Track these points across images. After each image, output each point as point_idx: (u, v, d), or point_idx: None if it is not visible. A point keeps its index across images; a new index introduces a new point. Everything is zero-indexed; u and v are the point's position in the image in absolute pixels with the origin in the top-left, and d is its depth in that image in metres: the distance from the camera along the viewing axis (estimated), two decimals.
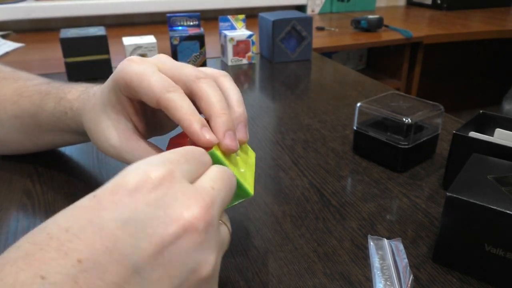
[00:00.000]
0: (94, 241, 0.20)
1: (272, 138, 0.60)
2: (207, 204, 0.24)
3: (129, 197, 0.22)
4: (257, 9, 1.78)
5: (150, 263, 0.21)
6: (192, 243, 0.22)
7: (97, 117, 0.36)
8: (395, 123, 0.49)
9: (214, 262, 0.23)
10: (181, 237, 0.22)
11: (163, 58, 0.34)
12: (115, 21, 1.64)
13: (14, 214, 0.43)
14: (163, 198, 0.23)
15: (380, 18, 1.51)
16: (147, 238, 0.21)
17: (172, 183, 0.23)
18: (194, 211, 0.23)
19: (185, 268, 0.22)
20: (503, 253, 0.33)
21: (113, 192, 0.22)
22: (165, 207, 0.22)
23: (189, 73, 0.32)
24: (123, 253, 0.21)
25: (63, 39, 0.83)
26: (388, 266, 0.36)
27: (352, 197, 0.46)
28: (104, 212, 0.21)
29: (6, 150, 0.52)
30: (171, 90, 0.31)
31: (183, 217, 0.22)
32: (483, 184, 0.35)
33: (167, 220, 0.22)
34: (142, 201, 0.22)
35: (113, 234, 0.21)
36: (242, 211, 0.44)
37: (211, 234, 0.23)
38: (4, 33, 1.43)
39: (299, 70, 0.94)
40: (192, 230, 0.22)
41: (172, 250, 0.22)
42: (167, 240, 0.21)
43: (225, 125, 0.31)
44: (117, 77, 0.33)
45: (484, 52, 2.19)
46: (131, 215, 0.21)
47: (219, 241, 0.25)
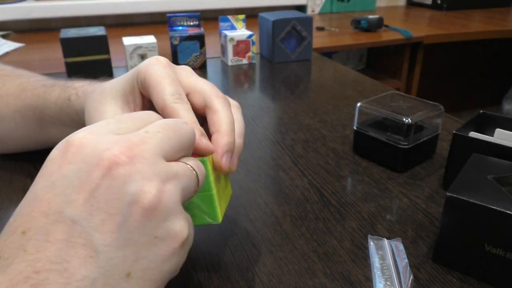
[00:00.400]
0: (31, 211, 0.22)
1: (272, 138, 0.60)
2: (132, 142, 0.24)
3: (53, 164, 0.23)
4: (257, 9, 1.78)
5: (85, 210, 0.22)
6: (119, 177, 0.22)
7: (103, 99, 0.36)
8: (395, 123, 0.49)
9: (154, 191, 0.23)
10: (106, 175, 0.22)
11: (189, 71, 0.35)
12: (115, 21, 1.64)
13: None
14: (83, 150, 0.23)
15: (380, 18, 1.51)
16: (75, 190, 0.22)
17: (92, 137, 0.24)
18: (113, 149, 0.23)
19: (122, 203, 0.22)
20: (503, 253, 0.33)
21: (43, 167, 0.24)
22: (87, 157, 0.23)
23: (212, 90, 0.33)
24: (58, 211, 0.22)
25: (63, 39, 0.83)
26: (388, 266, 0.36)
27: (352, 197, 0.46)
28: (36, 185, 0.23)
29: (6, 148, 0.52)
30: (179, 102, 0.31)
31: (102, 157, 0.22)
32: (483, 184, 0.35)
33: (89, 167, 0.22)
34: (64, 162, 0.23)
35: (45, 198, 0.22)
36: (242, 211, 0.44)
37: (142, 166, 0.23)
38: (4, 33, 1.43)
39: (299, 70, 0.94)
40: (114, 166, 0.22)
41: (102, 190, 0.22)
42: (94, 183, 0.22)
43: (227, 146, 0.31)
44: (140, 70, 0.34)
45: (484, 52, 2.19)
46: (57, 177, 0.23)
47: (162, 172, 0.24)
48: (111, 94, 0.36)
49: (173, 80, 0.33)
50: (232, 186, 0.38)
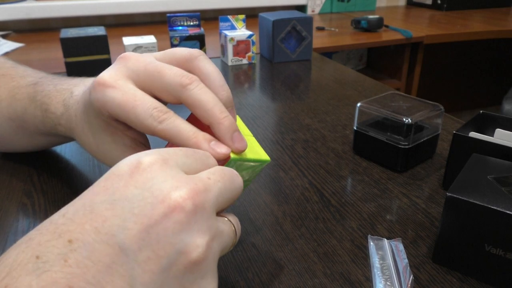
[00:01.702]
0: (84, 223, 0.21)
1: (272, 138, 0.60)
2: (198, 188, 0.23)
3: (119, 181, 0.23)
4: (257, 9, 1.78)
5: (136, 242, 0.21)
6: (179, 223, 0.22)
7: (91, 141, 0.35)
8: (395, 123, 0.49)
9: (204, 246, 0.23)
10: (167, 216, 0.22)
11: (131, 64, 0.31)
12: (115, 21, 1.64)
13: (14, 214, 0.43)
14: (152, 179, 0.23)
15: (380, 18, 1.51)
16: (133, 218, 0.22)
17: (163, 168, 0.23)
18: (182, 191, 0.23)
19: (173, 249, 0.22)
20: (503, 253, 0.33)
21: (106, 178, 0.23)
22: (153, 188, 0.22)
23: (172, 81, 0.30)
24: (110, 232, 0.21)
25: (63, 39, 0.83)
26: (388, 266, 0.36)
27: (352, 197, 0.46)
28: (96, 196, 0.23)
29: (6, 148, 0.52)
30: (162, 119, 0.29)
31: (169, 197, 0.22)
32: (483, 184, 0.35)
33: (154, 200, 0.22)
34: (131, 183, 0.23)
35: (102, 215, 0.22)
36: (242, 211, 0.44)
37: (201, 217, 0.23)
38: (4, 33, 1.43)
39: (299, 70, 0.94)
40: (178, 210, 0.22)
41: (159, 230, 0.22)
42: (153, 219, 0.22)
43: (229, 130, 0.30)
44: (98, 108, 0.31)
45: (484, 52, 2.19)
46: (119, 197, 0.22)
47: (213, 227, 0.24)
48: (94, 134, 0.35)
49: (137, 97, 0.30)
50: None
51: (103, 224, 0.21)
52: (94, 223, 0.21)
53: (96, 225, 0.21)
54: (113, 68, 0.32)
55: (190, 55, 0.33)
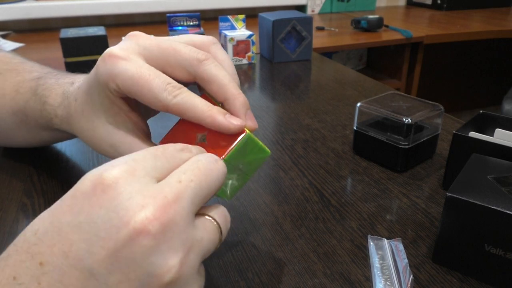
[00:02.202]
0: (53, 245, 0.21)
1: (272, 138, 0.60)
2: (167, 201, 0.22)
3: (83, 200, 0.22)
4: (257, 9, 1.78)
5: (105, 267, 0.21)
6: (146, 246, 0.21)
7: (92, 124, 0.34)
8: (395, 123, 0.49)
9: (177, 265, 0.22)
10: (134, 240, 0.21)
11: (143, 41, 0.31)
12: (115, 21, 1.64)
13: (14, 214, 0.43)
14: (117, 198, 0.22)
15: (380, 18, 1.51)
16: (100, 242, 0.21)
17: (129, 181, 0.22)
18: (147, 211, 0.21)
19: (144, 272, 0.21)
20: (503, 253, 0.33)
21: (72, 195, 0.22)
22: (119, 207, 0.21)
23: (188, 56, 0.30)
24: (77, 257, 0.21)
25: (63, 39, 0.83)
26: (388, 266, 0.36)
27: (352, 197, 0.46)
28: (62, 216, 0.22)
29: (11, 143, 0.52)
30: (177, 93, 0.29)
31: (135, 219, 0.21)
32: (483, 184, 0.35)
33: (119, 222, 0.21)
34: (96, 203, 0.22)
35: (69, 238, 0.21)
36: (242, 211, 0.44)
37: (171, 235, 0.22)
38: (4, 33, 1.43)
39: (299, 70, 0.94)
40: (144, 233, 0.21)
41: (126, 253, 0.21)
42: (119, 243, 0.21)
43: (244, 107, 0.30)
44: (105, 80, 0.30)
45: (484, 52, 2.19)
46: (85, 219, 0.21)
47: (188, 240, 0.23)
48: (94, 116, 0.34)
49: (150, 71, 0.29)
50: None
51: (71, 248, 0.21)
52: (62, 246, 0.21)
53: (64, 249, 0.21)
54: (123, 43, 0.31)
55: (206, 40, 0.33)
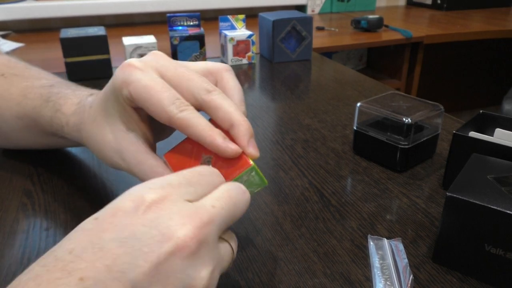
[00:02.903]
0: (95, 260, 0.22)
1: (272, 138, 0.60)
2: (202, 222, 0.24)
3: (125, 218, 0.23)
4: (257, 9, 1.78)
5: (147, 279, 0.22)
6: (186, 260, 0.23)
7: (102, 130, 0.35)
8: (395, 123, 0.49)
9: (208, 277, 0.24)
10: (175, 254, 0.23)
11: (162, 61, 0.33)
12: (115, 21, 1.64)
13: (14, 214, 0.43)
14: (158, 217, 0.24)
15: (380, 18, 1.51)
16: (143, 256, 0.22)
17: (167, 205, 0.24)
18: (187, 229, 0.24)
19: (180, 283, 0.23)
20: (503, 253, 0.33)
21: (112, 214, 0.24)
22: (160, 226, 0.23)
23: (199, 86, 0.32)
24: (121, 270, 0.22)
25: (63, 39, 0.83)
26: (388, 266, 0.36)
27: (352, 197, 0.46)
28: (104, 234, 0.23)
29: (12, 145, 0.52)
30: (184, 109, 0.30)
31: (176, 236, 0.23)
32: (483, 184, 0.35)
33: (161, 238, 0.23)
34: (138, 222, 0.23)
35: (112, 253, 0.22)
36: None
37: (204, 252, 0.24)
38: (4, 33, 1.43)
39: (299, 70, 0.94)
40: (185, 249, 0.23)
41: (167, 267, 0.23)
42: (162, 257, 0.22)
43: (247, 134, 0.31)
44: (119, 86, 0.32)
45: (484, 52, 2.19)
46: (128, 235, 0.23)
47: (215, 257, 0.25)
48: (105, 122, 0.35)
49: (163, 85, 0.31)
50: None
51: (114, 261, 0.22)
52: (105, 261, 0.22)
53: (107, 263, 0.22)
54: (144, 57, 0.33)
55: (220, 67, 0.35)
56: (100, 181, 0.49)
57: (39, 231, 0.41)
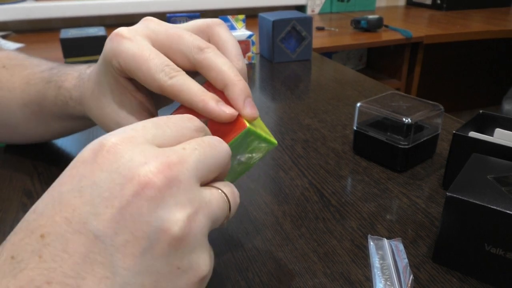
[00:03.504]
0: (54, 214, 0.21)
1: None
2: (170, 160, 0.22)
3: (84, 167, 0.22)
4: (257, 9, 1.79)
5: (111, 227, 0.20)
6: (153, 199, 0.21)
7: (100, 103, 0.35)
8: (395, 123, 0.49)
9: (185, 220, 0.21)
10: (139, 194, 0.21)
11: (152, 25, 0.32)
12: (115, 21, 1.64)
13: (14, 214, 0.43)
14: (118, 160, 0.21)
15: (380, 18, 1.51)
16: (104, 202, 0.20)
17: (129, 145, 0.22)
18: (151, 166, 0.21)
19: (151, 228, 0.21)
20: (503, 253, 0.33)
21: (72, 167, 0.22)
22: (120, 168, 0.21)
23: (190, 44, 0.30)
24: (81, 221, 0.20)
25: (63, 39, 0.83)
26: (388, 266, 0.36)
27: (352, 197, 0.46)
28: (63, 186, 0.22)
29: (20, 137, 0.52)
30: (173, 75, 0.29)
31: (138, 174, 0.21)
32: (483, 184, 0.35)
33: (122, 180, 0.21)
34: (96, 168, 0.21)
35: (71, 204, 0.21)
36: (242, 211, 0.44)
37: (177, 190, 0.22)
38: (4, 33, 1.43)
39: (299, 70, 0.94)
40: (150, 186, 0.21)
41: (132, 210, 0.20)
42: (124, 200, 0.20)
43: (243, 93, 0.29)
44: (109, 57, 0.31)
45: (484, 52, 2.19)
46: (86, 183, 0.21)
47: (194, 200, 0.22)
48: (102, 95, 0.34)
49: (152, 52, 0.30)
50: None
51: (73, 213, 0.20)
52: (64, 213, 0.21)
53: (66, 215, 0.20)
54: (134, 25, 0.32)
55: (211, 22, 0.34)
56: None
57: None
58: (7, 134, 0.52)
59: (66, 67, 0.44)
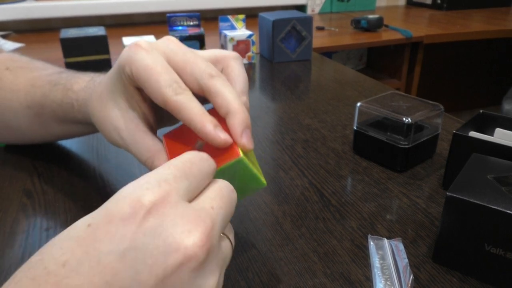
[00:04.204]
0: (93, 276, 0.20)
1: (272, 138, 0.60)
2: (207, 227, 0.23)
3: (123, 226, 0.21)
4: (257, 9, 1.78)
5: None
6: (195, 270, 0.22)
7: (105, 106, 0.35)
8: (395, 123, 0.49)
9: (215, 284, 0.23)
10: (183, 265, 0.21)
11: (172, 45, 0.33)
12: (115, 21, 1.64)
13: (14, 214, 0.43)
14: (161, 224, 0.21)
15: (380, 18, 1.51)
16: (147, 269, 0.20)
17: (168, 208, 0.22)
18: (195, 237, 0.22)
19: None
20: (503, 253, 0.33)
21: (107, 221, 0.21)
22: (164, 234, 0.21)
23: (203, 70, 0.31)
24: (123, 286, 0.20)
25: (63, 39, 0.83)
26: (388, 266, 0.36)
27: (352, 197, 0.46)
28: (100, 244, 0.21)
29: (22, 139, 0.52)
30: (179, 92, 0.30)
31: (184, 245, 0.21)
32: (483, 184, 0.35)
33: (167, 249, 0.21)
34: (138, 230, 0.21)
35: (112, 267, 0.20)
36: (242, 211, 0.44)
37: (212, 258, 0.23)
38: (4, 33, 1.43)
39: (299, 70, 0.94)
40: (195, 259, 0.21)
41: (174, 280, 0.21)
42: (168, 270, 0.21)
43: (243, 123, 0.30)
44: (123, 64, 0.32)
45: (484, 52, 2.19)
46: (128, 246, 0.21)
47: (220, 260, 0.24)
48: (109, 98, 0.35)
49: (164, 67, 0.31)
50: None
51: (115, 277, 0.20)
52: (104, 276, 0.20)
53: (107, 279, 0.20)
54: (155, 41, 0.33)
55: (228, 54, 0.35)
56: (101, 182, 0.49)
57: (39, 231, 0.41)
58: (8, 135, 0.52)
59: (77, 72, 0.45)
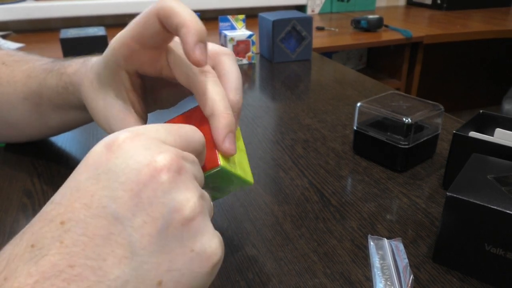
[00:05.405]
0: (73, 202, 0.21)
1: (272, 138, 0.60)
2: (181, 154, 0.24)
3: (98, 157, 0.23)
4: (257, 9, 1.78)
5: (129, 209, 0.21)
6: (167, 182, 0.22)
7: (95, 95, 0.36)
8: (395, 123, 0.49)
9: (196, 201, 0.23)
10: (155, 177, 0.22)
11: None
12: (115, 21, 1.64)
13: (14, 214, 0.43)
14: (133, 149, 0.23)
15: (380, 18, 1.51)
16: (121, 186, 0.21)
17: (142, 139, 0.23)
18: (166, 155, 0.23)
19: (166, 208, 0.22)
20: (503, 253, 0.33)
21: (86, 159, 0.23)
22: (136, 155, 0.22)
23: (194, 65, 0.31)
24: (100, 205, 0.21)
25: (63, 39, 0.83)
26: (388, 266, 0.36)
27: (352, 197, 0.46)
28: (79, 176, 0.22)
29: (21, 135, 0.52)
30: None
31: (154, 159, 0.22)
32: (483, 184, 0.35)
33: (139, 166, 0.22)
34: (112, 155, 0.22)
35: (89, 190, 0.22)
36: (242, 211, 0.44)
37: (186, 178, 0.23)
38: (4, 33, 1.43)
39: (299, 70, 0.94)
40: (165, 170, 0.22)
41: (149, 192, 0.22)
42: (141, 183, 0.22)
43: (226, 128, 0.30)
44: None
45: (484, 52, 2.19)
46: (102, 170, 0.22)
47: (198, 188, 0.24)
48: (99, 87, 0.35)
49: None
50: None
51: (92, 198, 0.21)
52: (82, 200, 0.21)
53: (85, 201, 0.21)
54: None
55: (220, 49, 0.34)
56: None
57: None
58: (6, 132, 0.52)
59: (71, 58, 0.45)
